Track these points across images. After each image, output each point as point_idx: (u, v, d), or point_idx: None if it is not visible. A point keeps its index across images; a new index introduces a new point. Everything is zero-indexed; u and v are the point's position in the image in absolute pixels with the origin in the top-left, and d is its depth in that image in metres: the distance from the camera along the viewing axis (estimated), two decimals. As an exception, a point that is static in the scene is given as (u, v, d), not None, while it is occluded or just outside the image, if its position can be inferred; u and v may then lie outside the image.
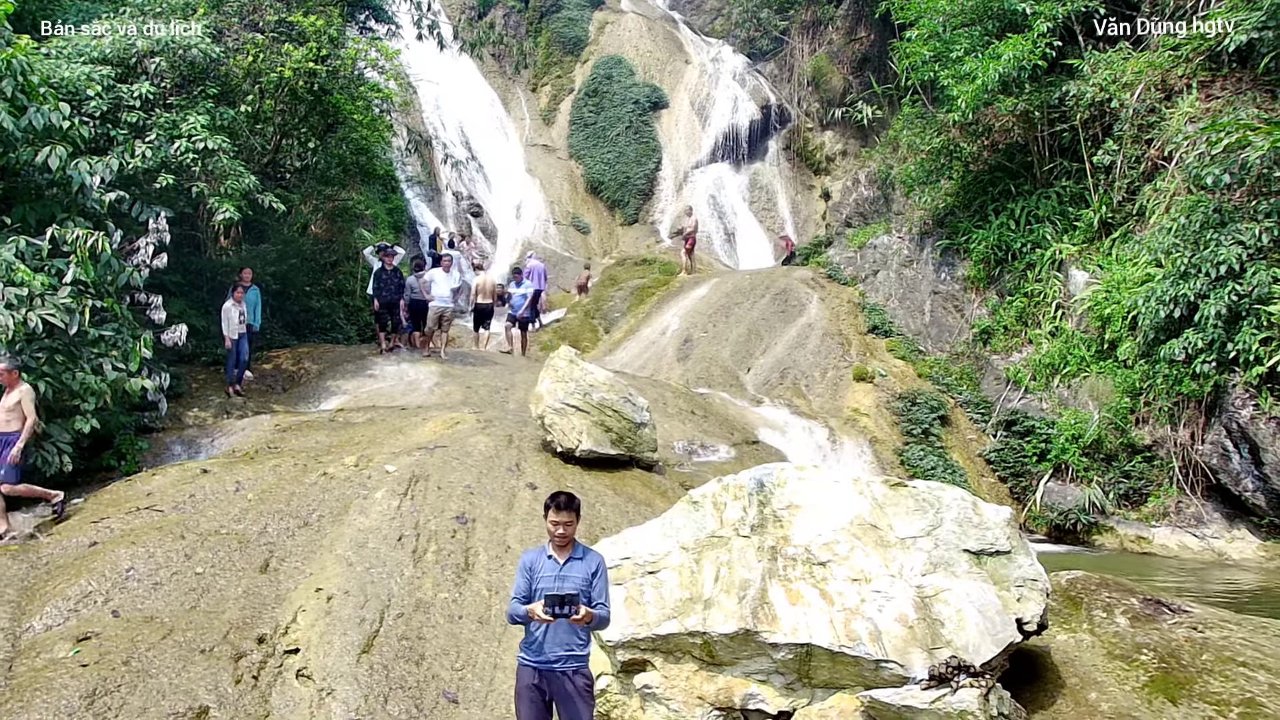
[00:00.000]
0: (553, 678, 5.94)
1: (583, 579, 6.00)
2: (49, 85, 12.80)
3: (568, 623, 5.84)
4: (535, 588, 5.99)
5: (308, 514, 10.11)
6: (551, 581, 5.94)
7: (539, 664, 5.96)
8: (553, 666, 5.93)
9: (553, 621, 5.83)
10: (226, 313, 15.85)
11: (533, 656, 5.99)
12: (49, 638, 8.12)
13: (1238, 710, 7.34)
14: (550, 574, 5.99)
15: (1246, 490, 14.59)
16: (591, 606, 5.91)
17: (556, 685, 5.94)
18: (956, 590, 7.45)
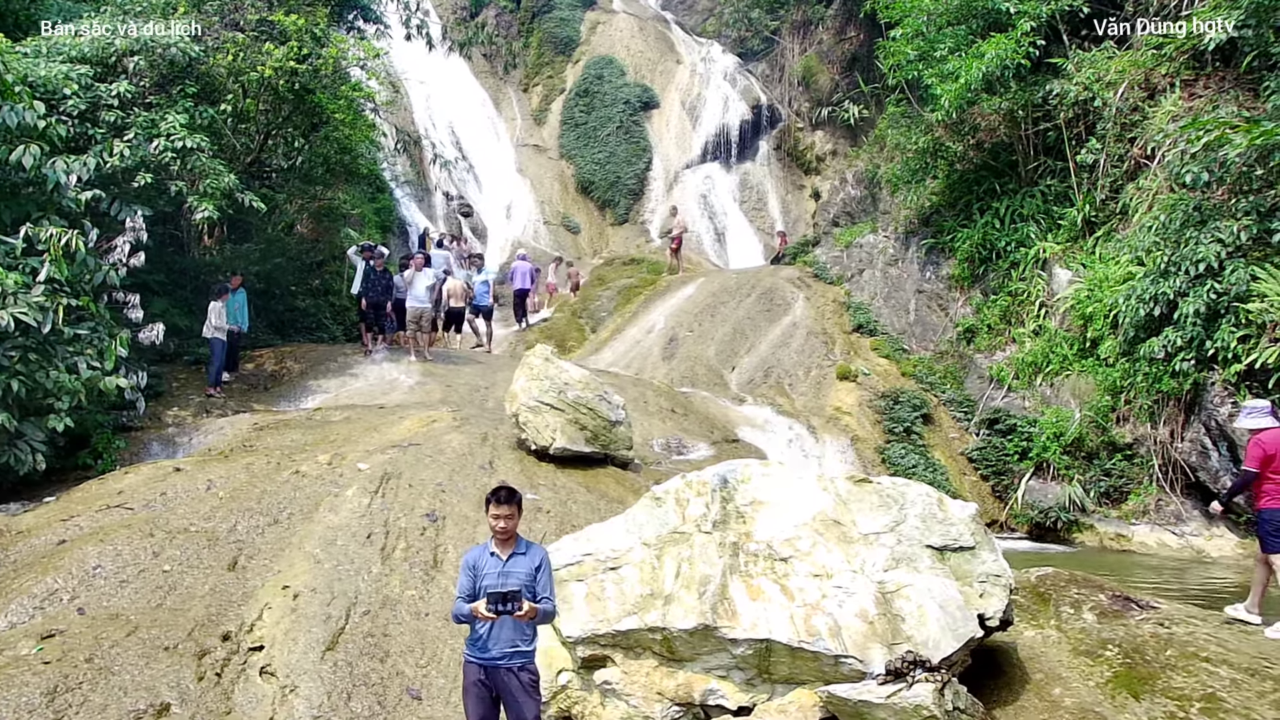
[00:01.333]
0: (498, 674, 5.93)
1: (527, 574, 5.99)
2: (25, 84, 12.78)
3: (512, 619, 5.84)
4: (479, 585, 5.98)
5: (278, 512, 10.12)
6: (495, 578, 5.93)
7: (484, 660, 5.95)
8: (498, 663, 5.93)
9: (496, 619, 5.82)
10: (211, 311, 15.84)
11: (478, 654, 5.98)
12: (13, 635, 8.12)
13: (1199, 705, 7.36)
14: (494, 570, 5.99)
15: (1225, 488, 14.59)
16: (536, 601, 5.91)
17: (502, 682, 5.93)
18: (918, 586, 7.46)
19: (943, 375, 19.83)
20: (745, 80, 39.25)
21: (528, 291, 25.72)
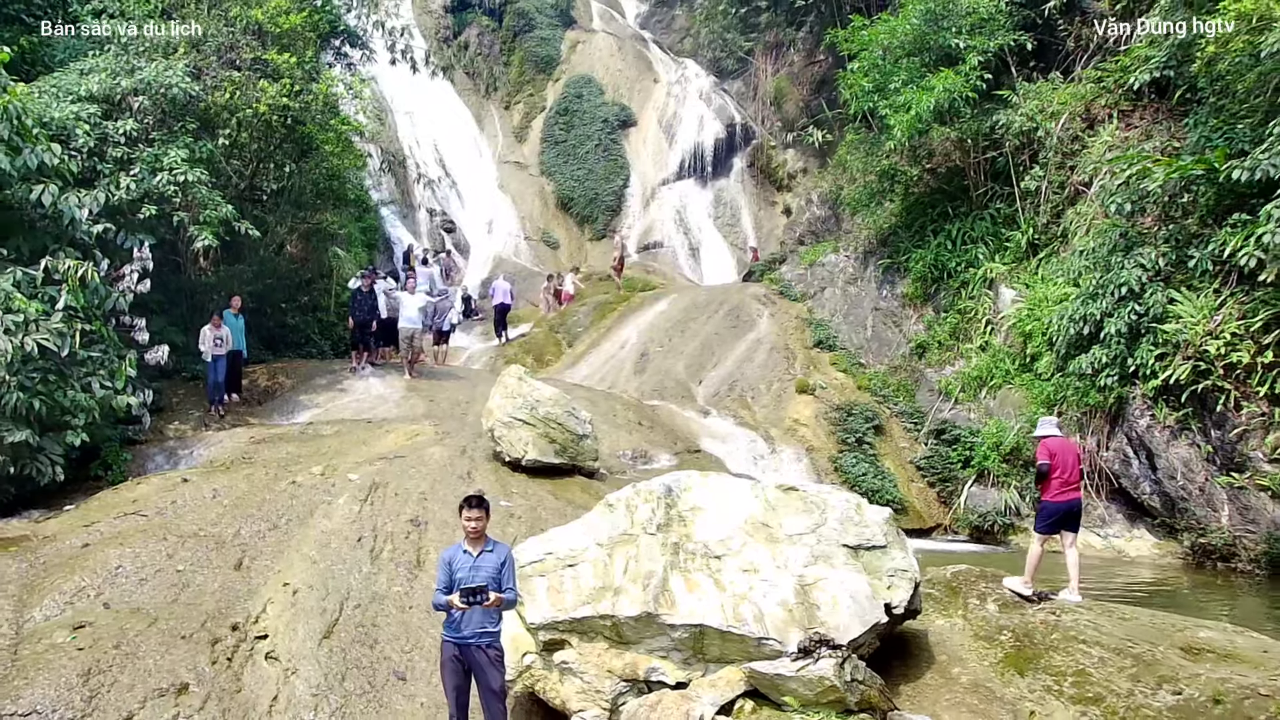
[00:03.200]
0: (469, 651, 7.17)
1: (493, 569, 7.23)
2: (41, 125, 13.94)
3: (483, 607, 7.08)
4: (454, 578, 7.21)
5: (277, 518, 11.31)
6: (467, 573, 7.17)
7: (458, 640, 7.19)
8: (469, 643, 7.17)
9: (468, 609, 7.07)
10: (202, 333, 16.81)
11: (453, 634, 7.22)
12: (48, 626, 9.29)
13: (1071, 679, 8.64)
14: (466, 566, 7.22)
15: (1144, 493, 15.94)
16: (501, 592, 7.15)
17: (473, 657, 7.17)
18: (833, 579, 8.70)
19: (896, 388, 21.12)
20: (720, 99, 40.53)
21: (508, 307, 26.88)
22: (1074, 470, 10.36)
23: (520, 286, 32.59)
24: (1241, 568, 14.51)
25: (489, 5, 46.26)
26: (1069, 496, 10.36)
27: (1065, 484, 10.32)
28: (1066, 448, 10.49)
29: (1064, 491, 10.35)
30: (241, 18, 18.21)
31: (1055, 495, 10.40)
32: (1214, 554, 14.82)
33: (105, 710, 8.27)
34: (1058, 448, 10.40)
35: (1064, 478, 10.31)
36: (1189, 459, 15.29)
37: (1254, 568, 14.35)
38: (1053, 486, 10.39)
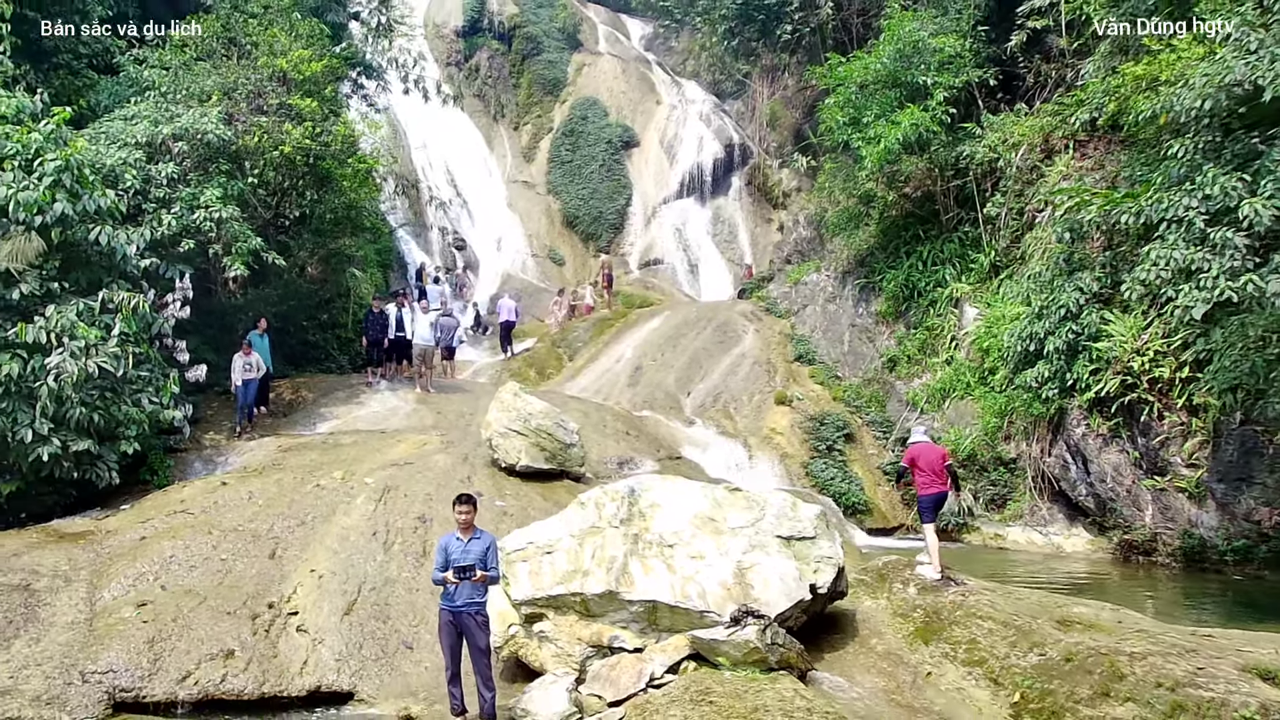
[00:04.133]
0: (462, 617, 9.02)
1: (480, 552, 9.08)
2: (95, 171, 15.88)
3: (471, 583, 8.93)
4: (449, 559, 9.06)
5: (304, 515, 13.19)
6: (459, 555, 9.03)
7: (453, 609, 9.03)
8: (461, 610, 9.01)
9: (460, 583, 8.92)
10: (234, 363, 18.51)
11: (448, 604, 9.06)
12: (116, 604, 11.18)
13: (964, 647, 10.43)
14: (458, 549, 9.08)
15: (1080, 495, 17.67)
16: (486, 570, 9.01)
17: (464, 622, 9.02)
18: (765, 564, 10.53)
19: (868, 399, 22.88)
20: (719, 120, 42.35)
21: (513, 324, 28.74)
22: (938, 468, 12.38)
23: (526, 302, 34.44)
24: (1161, 560, 16.22)
25: (499, 30, 48.11)
26: (936, 489, 12.37)
27: (931, 480, 12.30)
28: (931, 450, 12.55)
29: (931, 485, 12.31)
30: (268, 66, 20.16)
31: (924, 489, 12.39)
32: (1138, 549, 16.52)
33: (168, 670, 10.16)
34: (921, 451, 12.42)
35: (929, 475, 12.29)
36: (1119, 464, 17.01)
37: (1171, 560, 16.06)
38: (921, 483, 12.37)
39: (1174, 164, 14.00)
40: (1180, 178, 13.79)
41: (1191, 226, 13.25)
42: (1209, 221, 13.12)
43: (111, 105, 19.73)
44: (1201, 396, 15.72)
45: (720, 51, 42.75)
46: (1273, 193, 12.22)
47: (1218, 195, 12.88)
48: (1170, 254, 13.53)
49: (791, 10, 32.14)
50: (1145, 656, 8.99)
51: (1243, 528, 15.30)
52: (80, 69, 21.04)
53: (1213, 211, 13.09)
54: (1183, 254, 13.29)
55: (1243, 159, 13.11)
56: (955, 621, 10.92)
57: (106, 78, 21.25)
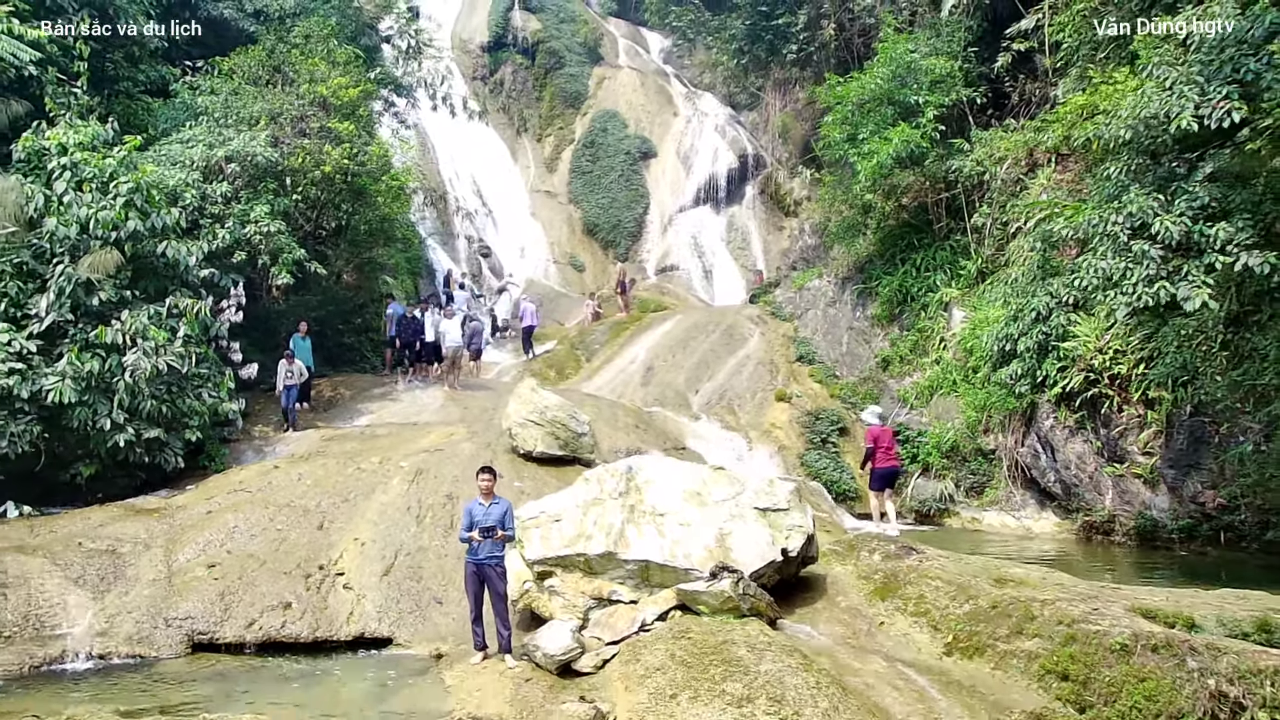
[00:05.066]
0: (484, 568, 10.86)
1: (499, 515, 10.93)
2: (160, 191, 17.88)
3: (491, 540, 10.77)
4: (473, 521, 10.91)
5: (347, 493, 15.10)
6: (482, 516, 10.88)
7: (476, 561, 10.88)
8: (484, 562, 10.86)
9: (482, 540, 10.77)
10: (278, 368, 20.17)
11: (473, 558, 10.91)
12: (190, 565, 13.11)
13: (914, 601, 12.14)
14: (481, 513, 10.93)
15: (1049, 481, 19.30)
16: (504, 530, 10.85)
17: (485, 573, 10.86)
18: (742, 531, 12.31)
19: (864, 396, 24.56)
20: (734, 131, 44.10)
21: (534, 328, 30.63)
22: (891, 446, 14.28)
23: (548, 307, 36.40)
24: (1118, 540, 17.82)
25: (523, 45, 50.08)
26: (890, 464, 14.25)
27: (886, 456, 14.16)
28: (885, 432, 14.49)
29: (886, 461, 14.18)
30: (310, 93, 22.17)
31: (880, 464, 14.26)
32: (1098, 529, 18.13)
33: (236, 617, 12.08)
34: (879, 432, 14.30)
35: (885, 452, 14.15)
36: (1083, 453, 18.63)
37: (1127, 539, 17.67)
38: (878, 458, 14.23)
39: (1107, 184, 15.70)
40: (1111, 196, 15.47)
41: (1117, 239, 14.94)
42: (1131, 235, 14.81)
43: (169, 129, 21.76)
44: (1155, 391, 17.33)
45: (733, 67, 44.61)
46: (1183, 211, 13.91)
47: (1138, 213, 14.57)
48: (1098, 264, 15.23)
49: (797, 31, 33.94)
50: (1053, 602, 10.73)
51: (1189, 509, 16.89)
52: (138, 95, 23.10)
53: (1134, 227, 14.77)
54: (1109, 264, 15.00)
55: (1163, 181, 14.78)
56: (909, 582, 12.63)
57: (162, 103, 23.33)
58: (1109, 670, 9.46)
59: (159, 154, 19.85)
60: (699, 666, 9.78)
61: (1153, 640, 9.47)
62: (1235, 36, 13.43)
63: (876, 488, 15.62)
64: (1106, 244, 15.23)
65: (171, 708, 9.59)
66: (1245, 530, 16.21)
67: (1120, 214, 14.87)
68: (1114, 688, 9.33)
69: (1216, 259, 13.81)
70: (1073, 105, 17.87)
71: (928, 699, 9.78)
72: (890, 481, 15.80)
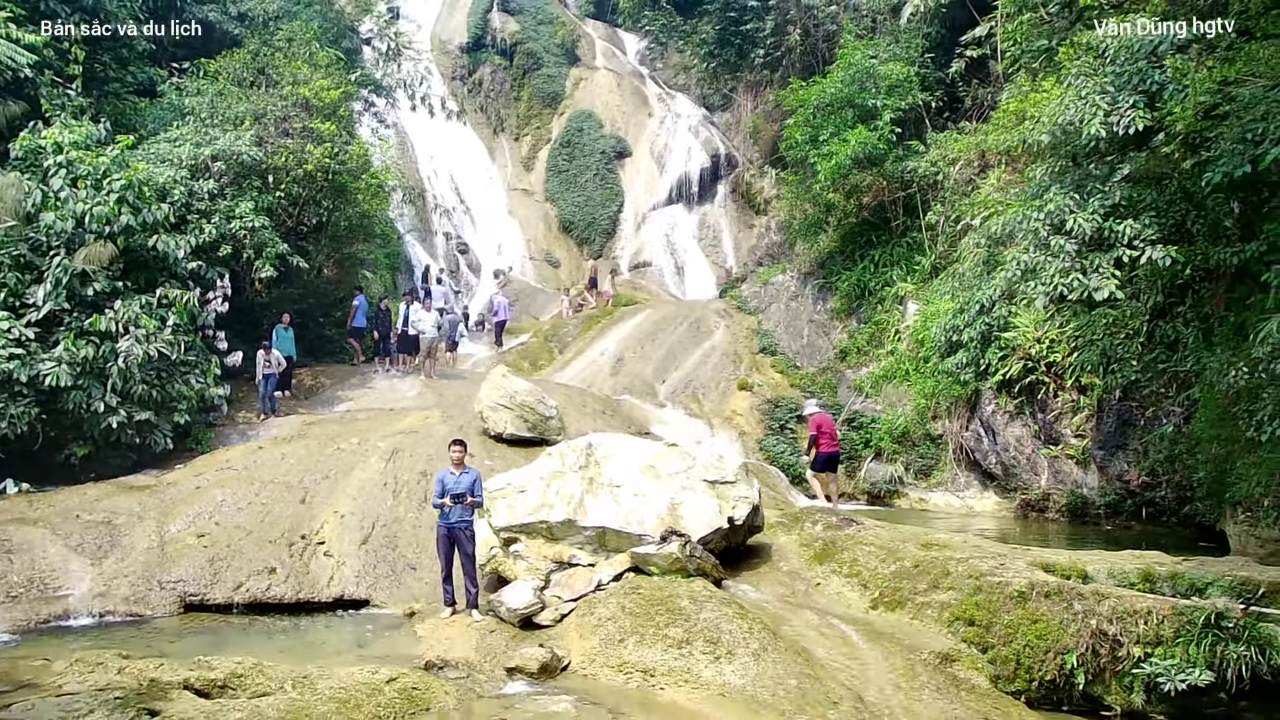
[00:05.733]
0: (454, 531, 11.95)
1: (469, 483, 12.01)
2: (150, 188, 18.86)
3: (461, 506, 11.86)
4: (445, 488, 11.99)
5: (328, 470, 16.15)
6: (453, 484, 11.96)
7: (448, 525, 11.96)
8: (454, 525, 11.94)
9: (453, 506, 11.85)
10: (257, 358, 20.84)
11: (444, 522, 11.99)
12: (181, 535, 14.13)
13: (848, 564, 13.29)
14: (452, 481, 12.01)
15: (991, 463, 20.51)
16: (473, 496, 11.94)
17: (456, 535, 11.95)
18: (692, 500, 13.44)
19: (822, 386, 25.76)
20: (707, 132, 45.17)
21: (505, 322, 31.74)
22: (833, 432, 15.44)
23: (524, 302, 37.52)
24: (1051, 516, 19.03)
25: (501, 46, 51.00)
26: (833, 449, 15.38)
27: (832, 441, 15.33)
28: (827, 419, 15.66)
29: (832, 446, 15.33)
30: (293, 95, 23.17)
31: (826, 449, 15.40)
32: (1034, 507, 19.33)
33: (225, 580, 13.14)
34: (821, 419, 15.48)
35: (829, 439, 15.33)
36: (1021, 436, 19.85)
37: (1059, 515, 18.87)
38: (823, 444, 15.39)
39: (1032, 184, 16.93)
40: (1033, 195, 16.70)
41: (1037, 235, 16.17)
42: (1051, 231, 16.03)
43: (157, 128, 22.70)
44: (1088, 378, 18.56)
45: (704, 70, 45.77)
46: (1096, 209, 15.13)
47: (1056, 210, 15.80)
48: (1021, 257, 16.46)
49: (764, 36, 35.11)
50: (967, 559, 11.93)
51: (1115, 486, 18.12)
52: (127, 96, 24.05)
53: (1053, 224, 16.00)
54: (1030, 257, 16.23)
55: (1080, 181, 16.01)
56: (845, 548, 13.79)
57: (150, 103, 24.29)
58: (1008, 615, 10.66)
59: (148, 152, 20.77)
60: (646, 616, 10.91)
61: (1046, 588, 10.67)
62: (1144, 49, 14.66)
63: (818, 469, 16.86)
64: (1029, 239, 16.46)
65: (171, 654, 10.62)
66: (1165, 505, 17.46)
67: (1041, 212, 16.10)
68: (1011, 630, 10.53)
69: (1124, 253, 15.04)
70: (1007, 111, 19.06)
71: (850, 644, 10.95)
72: (833, 465, 17.03)
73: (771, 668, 9.81)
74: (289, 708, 8.34)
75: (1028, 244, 16.55)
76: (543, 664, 10.28)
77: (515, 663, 10.37)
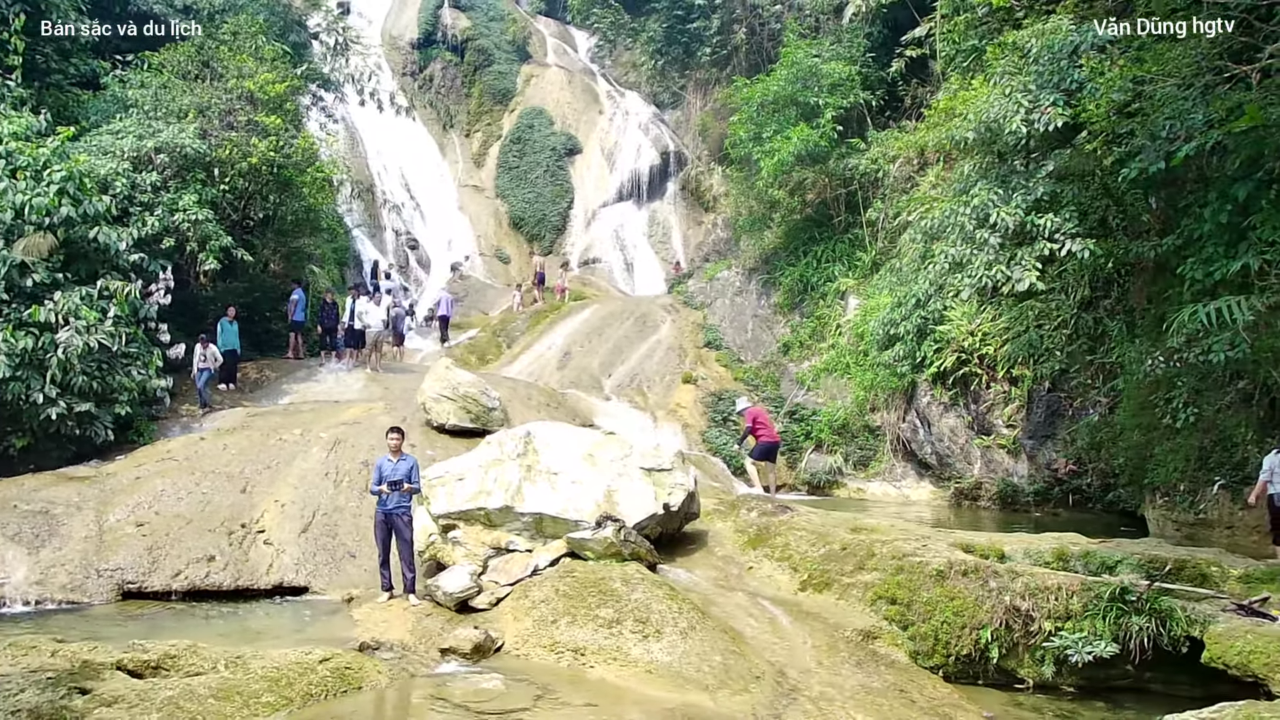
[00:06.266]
0: (391, 517, 12.14)
1: (406, 470, 12.21)
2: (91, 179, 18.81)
3: (399, 492, 12.05)
4: (382, 475, 12.17)
5: (270, 461, 16.24)
6: (390, 471, 12.15)
7: (385, 511, 12.14)
8: (392, 511, 12.13)
9: (390, 492, 12.04)
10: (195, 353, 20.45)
11: (382, 508, 12.17)
12: (120, 524, 14.18)
13: (780, 549, 13.63)
14: (389, 468, 12.19)
15: (926, 454, 21.03)
16: (410, 483, 12.14)
17: (393, 521, 12.14)
18: (628, 488, 13.72)
19: (765, 379, 26.21)
20: (657, 129, 45.54)
21: (449, 318, 31.89)
22: (769, 423, 15.91)
23: (474, 298, 37.66)
24: (983, 505, 19.58)
25: (452, 42, 50.98)
26: (771, 439, 15.77)
27: (769, 432, 15.77)
28: (761, 411, 16.16)
29: (769, 436, 15.77)
30: (237, 88, 23.15)
31: (764, 439, 15.81)
32: (967, 495, 19.87)
33: (164, 568, 13.23)
34: (756, 412, 15.94)
35: (767, 430, 15.76)
36: (955, 426, 20.39)
37: (991, 504, 19.43)
38: (760, 434, 15.81)
39: (959, 180, 17.44)
40: (961, 191, 17.21)
41: (964, 229, 16.67)
42: (976, 225, 16.54)
43: (99, 120, 22.58)
44: (1018, 369, 19.10)
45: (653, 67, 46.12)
46: (1019, 203, 15.65)
47: (981, 205, 16.30)
48: (949, 250, 16.96)
49: (711, 34, 35.48)
50: (892, 541, 12.34)
51: (1044, 474, 18.70)
52: (69, 87, 23.90)
53: (979, 218, 16.50)
54: (957, 250, 16.72)
55: (1005, 177, 16.54)
56: (778, 533, 14.15)
57: (93, 95, 24.14)
58: (927, 593, 11.07)
59: (90, 144, 20.67)
60: (578, 598, 11.19)
61: (964, 566, 11.10)
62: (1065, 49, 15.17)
63: (756, 457, 17.36)
64: (956, 233, 16.95)
65: (106, 637, 10.71)
66: (1090, 493, 18.07)
67: (967, 207, 16.59)
68: (930, 607, 10.93)
69: (1046, 246, 15.55)
70: (939, 109, 19.57)
71: (776, 623, 11.30)
72: (771, 455, 17.51)
73: (698, 645, 10.13)
74: (221, 686, 8.51)
75: (955, 238, 17.05)
76: (476, 644, 10.51)
77: (449, 644, 10.59)
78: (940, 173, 24.87)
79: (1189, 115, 13.04)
